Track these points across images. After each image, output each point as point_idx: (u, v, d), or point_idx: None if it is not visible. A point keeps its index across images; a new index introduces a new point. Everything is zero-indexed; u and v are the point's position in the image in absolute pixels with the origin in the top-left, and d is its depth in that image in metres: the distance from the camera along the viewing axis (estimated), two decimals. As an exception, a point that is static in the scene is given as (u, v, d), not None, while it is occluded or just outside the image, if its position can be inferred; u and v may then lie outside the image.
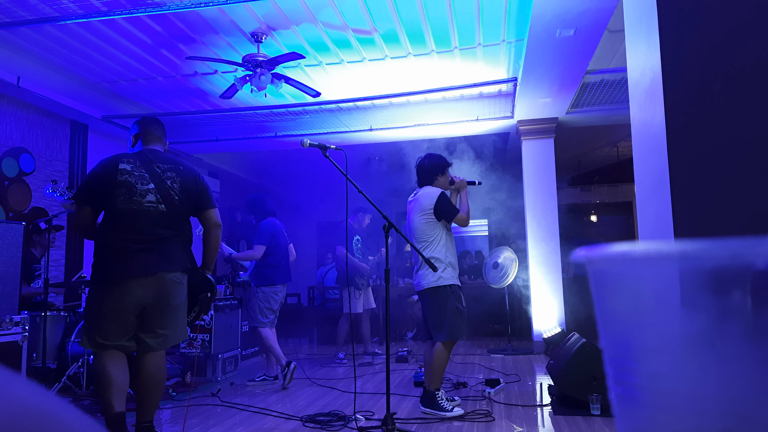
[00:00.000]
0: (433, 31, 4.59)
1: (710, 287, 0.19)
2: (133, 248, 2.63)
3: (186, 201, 2.79)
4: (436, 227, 3.64)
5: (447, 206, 3.66)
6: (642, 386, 0.20)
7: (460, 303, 3.62)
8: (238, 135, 6.93)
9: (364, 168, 8.83)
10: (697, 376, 0.19)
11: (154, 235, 2.67)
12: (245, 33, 4.53)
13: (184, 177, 2.82)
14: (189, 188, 2.81)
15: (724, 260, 0.18)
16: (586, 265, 0.22)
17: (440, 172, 3.81)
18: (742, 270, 0.18)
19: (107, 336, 2.60)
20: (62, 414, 0.20)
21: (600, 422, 3.29)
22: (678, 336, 0.20)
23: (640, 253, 0.18)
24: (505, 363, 5.59)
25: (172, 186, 2.75)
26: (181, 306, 2.75)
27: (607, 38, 4.56)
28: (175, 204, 2.74)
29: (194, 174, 2.89)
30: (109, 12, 3.94)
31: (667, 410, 0.19)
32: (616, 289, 0.21)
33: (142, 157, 2.79)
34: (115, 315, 2.60)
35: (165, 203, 2.71)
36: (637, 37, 2.24)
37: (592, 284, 0.22)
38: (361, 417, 3.47)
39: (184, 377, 4.73)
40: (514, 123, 6.51)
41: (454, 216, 3.68)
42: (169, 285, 2.67)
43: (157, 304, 2.64)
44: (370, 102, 6.07)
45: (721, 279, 0.18)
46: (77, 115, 5.80)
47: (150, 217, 2.67)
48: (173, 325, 2.71)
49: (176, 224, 2.75)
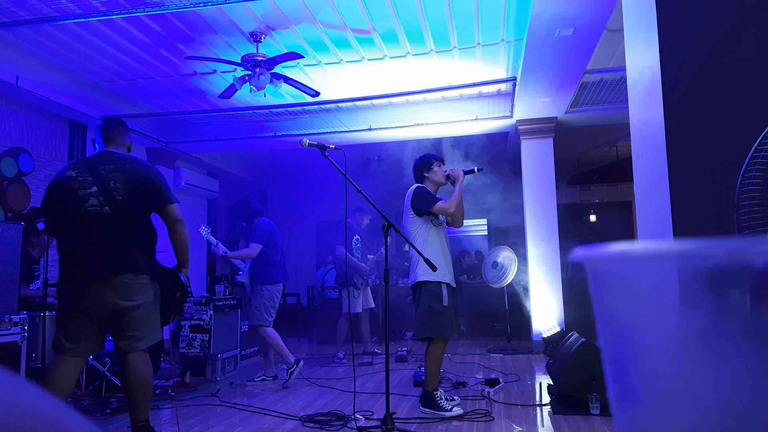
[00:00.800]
0: (432, 31, 4.59)
1: (709, 286, 0.19)
2: (87, 252, 2.66)
3: (135, 200, 2.74)
4: (416, 223, 3.62)
5: (420, 198, 3.61)
6: (641, 385, 0.20)
7: (437, 302, 3.53)
8: (237, 135, 6.93)
9: (364, 168, 8.83)
10: (696, 375, 0.19)
11: (105, 237, 2.67)
12: (244, 33, 4.52)
13: (130, 175, 2.75)
14: (137, 187, 2.75)
15: (723, 259, 0.18)
16: (585, 265, 0.22)
17: (426, 169, 3.80)
18: (741, 269, 0.18)
19: (68, 339, 2.66)
20: (67, 421, 0.20)
21: (599, 421, 3.29)
22: (677, 335, 0.20)
23: (638, 253, 0.18)
24: (505, 362, 5.59)
25: (115, 186, 2.71)
26: (146, 307, 2.72)
27: (606, 37, 4.56)
28: (120, 204, 2.70)
29: (144, 171, 2.79)
30: (107, 12, 3.94)
31: (665, 409, 0.19)
32: (615, 288, 0.21)
33: (91, 161, 2.78)
34: (75, 319, 2.66)
35: (109, 205, 2.69)
36: (636, 36, 2.24)
37: (591, 283, 0.22)
38: (360, 417, 3.47)
39: (184, 377, 4.73)
40: (513, 122, 6.51)
41: (430, 206, 3.57)
42: (125, 287, 2.67)
43: (117, 307, 2.66)
44: (369, 102, 6.07)
45: (719, 278, 0.18)
46: (76, 115, 5.79)
47: (98, 221, 2.67)
48: (141, 326, 2.70)
49: (128, 225, 2.72)
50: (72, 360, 2.66)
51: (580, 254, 0.21)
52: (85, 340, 2.68)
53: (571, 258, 0.21)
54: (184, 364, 4.88)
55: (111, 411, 3.74)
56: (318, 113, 6.43)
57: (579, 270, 7.06)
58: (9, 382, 0.19)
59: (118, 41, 4.66)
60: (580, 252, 0.21)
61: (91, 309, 2.66)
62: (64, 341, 2.66)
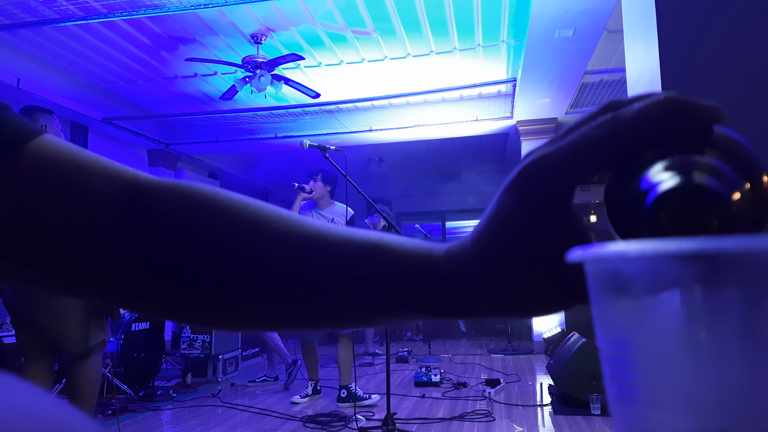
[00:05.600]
0: (432, 32, 4.59)
1: (707, 284, 0.19)
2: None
3: None
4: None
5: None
6: (639, 385, 0.20)
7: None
8: (238, 136, 6.93)
9: (364, 168, 8.83)
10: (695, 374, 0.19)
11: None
12: (245, 34, 4.53)
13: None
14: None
15: (722, 258, 0.18)
16: (583, 264, 0.22)
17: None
18: (741, 268, 0.18)
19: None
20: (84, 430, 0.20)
21: (600, 422, 3.29)
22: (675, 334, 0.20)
23: (636, 252, 0.18)
24: (506, 363, 5.59)
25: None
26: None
27: (606, 38, 4.56)
28: None
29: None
30: (108, 14, 3.94)
31: (664, 409, 0.19)
32: (613, 288, 0.21)
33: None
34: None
35: None
36: (636, 36, 2.24)
37: (589, 283, 0.22)
38: (361, 417, 3.47)
39: (185, 378, 4.73)
40: (514, 123, 6.51)
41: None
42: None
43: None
44: (369, 103, 6.07)
45: (717, 276, 0.19)
46: (77, 117, 5.79)
47: None
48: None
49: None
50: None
51: (577, 254, 0.21)
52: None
53: (569, 258, 0.21)
54: (186, 365, 4.88)
55: (112, 412, 3.74)
56: (318, 114, 6.43)
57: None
58: (24, 391, 0.19)
59: (119, 43, 4.67)
60: (578, 252, 0.21)
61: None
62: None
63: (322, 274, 0.35)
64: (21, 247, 0.35)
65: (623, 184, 0.26)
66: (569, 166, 0.27)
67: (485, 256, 0.30)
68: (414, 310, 0.34)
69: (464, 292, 0.31)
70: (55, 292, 0.38)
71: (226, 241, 0.36)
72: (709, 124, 0.25)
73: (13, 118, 0.35)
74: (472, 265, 0.31)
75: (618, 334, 0.20)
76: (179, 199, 0.37)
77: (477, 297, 0.31)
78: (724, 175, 0.23)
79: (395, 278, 0.33)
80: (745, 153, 0.25)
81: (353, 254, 0.34)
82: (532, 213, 0.28)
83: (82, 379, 2.63)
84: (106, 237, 0.35)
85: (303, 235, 0.36)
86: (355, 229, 0.36)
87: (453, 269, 0.32)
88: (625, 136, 0.26)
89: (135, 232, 0.36)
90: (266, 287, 0.36)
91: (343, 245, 0.35)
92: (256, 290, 0.36)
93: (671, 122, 0.25)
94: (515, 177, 0.29)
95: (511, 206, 0.29)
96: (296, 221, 0.37)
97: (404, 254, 0.34)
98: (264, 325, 0.38)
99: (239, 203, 0.37)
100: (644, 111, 0.25)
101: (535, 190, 0.28)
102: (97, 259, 0.36)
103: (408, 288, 0.33)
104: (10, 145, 0.34)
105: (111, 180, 0.37)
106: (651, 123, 0.25)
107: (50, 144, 0.36)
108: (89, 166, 0.36)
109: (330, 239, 0.35)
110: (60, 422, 0.18)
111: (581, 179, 0.27)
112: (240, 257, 0.36)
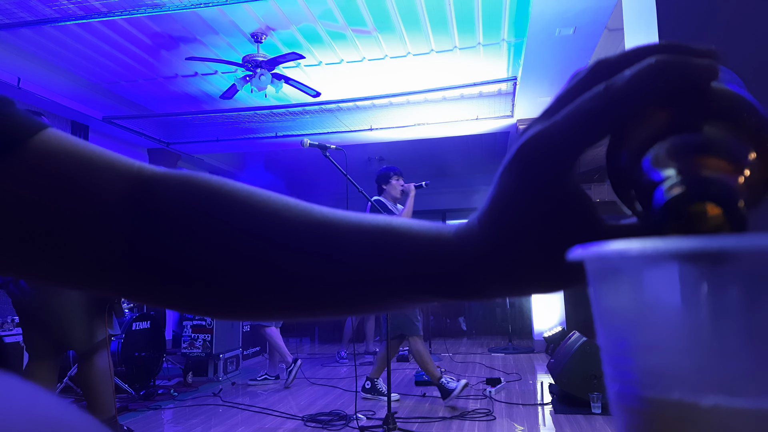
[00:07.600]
0: (433, 30, 4.58)
1: (709, 283, 0.19)
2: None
3: None
4: None
5: (375, 211, 3.78)
6: (640, 383, 0.20)
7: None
8: (239, 135, 6.93)
9: (365, 167, 8.82)
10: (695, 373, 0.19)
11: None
12: (245, 33, 4.53)
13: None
14: None
15: (723, 256, 0.18)
16: (583, 263, 0.22)
17: (385, 181, 4.10)
18: (741, 266, 0.18)
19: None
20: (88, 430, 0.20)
21: (601, 421, 3.29)
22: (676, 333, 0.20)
23: (637, 250, 0.18)
24: (506, 362, 5.59)
25: None
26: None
27: (606, 37, 4.55)
28: None
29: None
30: (108, 13, 3.94)
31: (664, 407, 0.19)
32: (613, 287, 0.21)
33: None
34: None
35: None
36: (637, 35, 2.24)
37: (590, 282, 0.22)
38: (362, 416, 3.47)
39: (186, 377, 4.74)
40: (514, 122, 6.50)
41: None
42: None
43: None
44: (370, 102, 6.07)
45: (719, 275, 0.18)
46: (78, 116, 5.79)
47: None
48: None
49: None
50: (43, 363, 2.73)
51: (577, 253, 0.21)
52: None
53: (570, 257, 0.21)
54: (186, 364, 4.89)
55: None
56: (319, 113, 6.42)
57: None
58: (24, 391, 0.18)
59: (120, 42, 4.67)
60: (578, 250, 0.21)
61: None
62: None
63: (333, 260, 0.35)
64: (31, 241, 0.35)
65: (623, 154, 0.27)
66: (565, 142, 0.27)
67: (494, 236, 0.31)
68: (426, 293, 0.34)
69: (476, 272, 0.32)
70: (62, 285, 0.38)
71: (235, 230, 0.36)
72: (705, 84, 0.25)
73: (17, 113, 0.35)
74: (481, 245, 0.31)
75: (619, 333, 0.20)
76: (187, 189, 0.38)
77: (488, 276, 0.32)
78: (730, 155, 0.23)
79: (407, 261, 0.33)
80: (746, 111, 0.25)
81: (364, 239, 0.35)
82: (533, 191, 0.29)
83: (91, 379, 2.67)
84: (116, 227, 0.36)
85: (313, 223, 0.36)
86: (363, 214, 0.36)
87: (464, 250, 0.32)
88: (619, 106, 0.26)
89: (144, 223, 0.36)
90: (277, 276, 0.36)
91: (353, 231, 0.35)
92: (267, 279, 0.36)
93: (665, 88, 0.25)
94: (513, 157, 0.29)
95: (512, 186, 0.29)
96: (305, 209, 0.37)
97: (415, 237, 0.34)
98: (276, 314, 0.39)
99: (247, 192, 0.38)
100: (636, 79, 0.25)
101: (534, 169, 0.28)
102: (107, 249, 0.36)
103: (420, 270, 0.33)
104: (16, 139, 0.34)
105: (118, 172, 0.37)
106: (645, 91, 0.25)
107: (55, 138, 0.36)
108: (95, 158, 0.36)
109: (340, 225, 0.36)
110: (61, 422, 0.18)
111: (579, 153, 0.28)
112: (249, 246, 0.36)
